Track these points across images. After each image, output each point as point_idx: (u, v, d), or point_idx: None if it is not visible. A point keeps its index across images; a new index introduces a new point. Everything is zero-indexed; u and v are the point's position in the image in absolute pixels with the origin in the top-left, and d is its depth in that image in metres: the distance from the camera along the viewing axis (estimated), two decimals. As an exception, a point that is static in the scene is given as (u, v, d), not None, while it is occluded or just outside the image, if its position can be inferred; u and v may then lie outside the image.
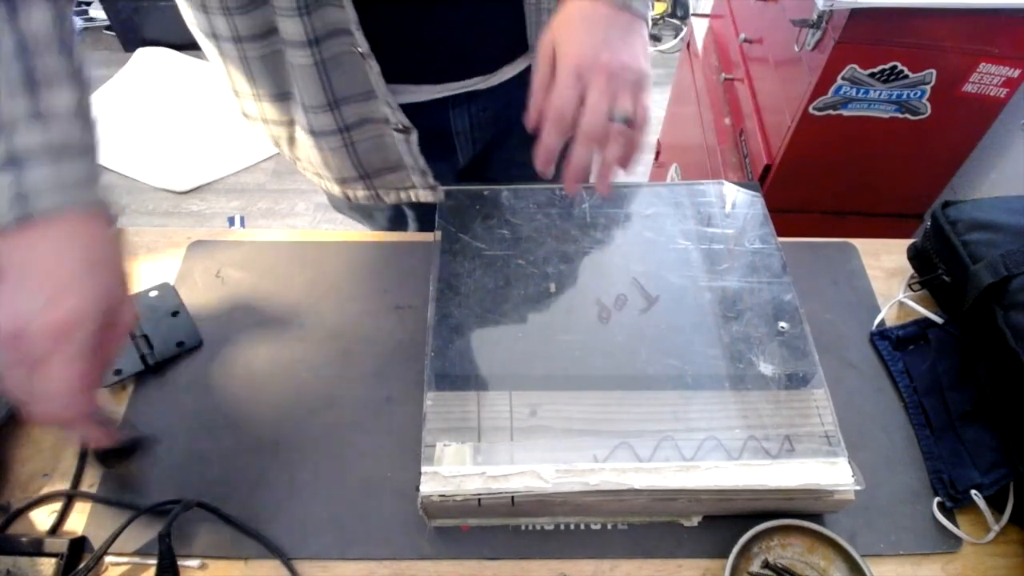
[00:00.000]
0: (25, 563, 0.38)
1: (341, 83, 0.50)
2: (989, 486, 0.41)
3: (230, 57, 0.51)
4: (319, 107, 0.51)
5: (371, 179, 0.59)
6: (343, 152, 0.55)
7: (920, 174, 0.95)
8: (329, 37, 0.47)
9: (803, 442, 0.38)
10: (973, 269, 0.45)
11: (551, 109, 0.40)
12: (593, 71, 0.40)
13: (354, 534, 0.41)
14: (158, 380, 0.47)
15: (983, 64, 0.78)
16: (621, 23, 0.42)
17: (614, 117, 0.40)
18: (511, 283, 0.46)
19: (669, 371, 0.42)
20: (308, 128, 0.54)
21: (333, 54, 0.48)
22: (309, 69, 0.48)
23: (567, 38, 0.41)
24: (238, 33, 0.48)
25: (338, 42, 0.48)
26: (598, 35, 0.41)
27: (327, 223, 1.70)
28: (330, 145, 0.54)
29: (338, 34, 0.47)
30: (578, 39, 0.41)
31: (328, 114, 0.52)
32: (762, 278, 0.46)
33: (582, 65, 0.40)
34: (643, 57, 0.42)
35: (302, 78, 0.49)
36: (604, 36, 0.41)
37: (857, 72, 0.81)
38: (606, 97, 0.40)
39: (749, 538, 0.38)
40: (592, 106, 0.40)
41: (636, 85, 0.41)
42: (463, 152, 0.61)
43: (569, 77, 0.40)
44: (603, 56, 0.40)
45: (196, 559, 0.39)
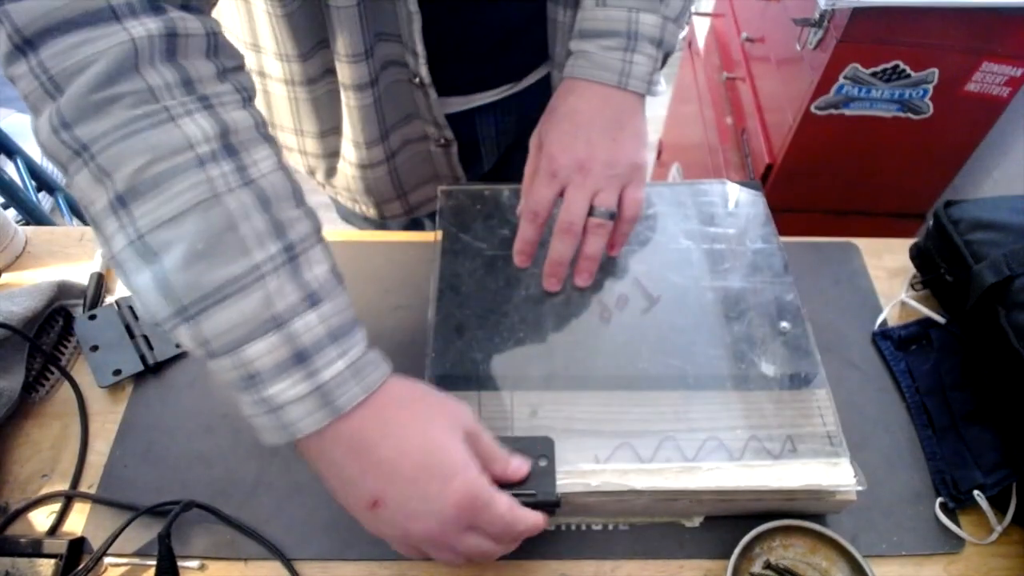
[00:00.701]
0: (24, 564, 0.38)
1: (391, 112, 0.50)
2: (992, 486, 0.41)
3: (276, 95, 0.50)
4: (372, 142, 0.51)
5: (407, 196, 0.59)
6: (386, 179, 0.56)
7: (922, 173, 0.95)
8: (384, 70, 0.47)
9: (805, 442, 0.38)
10: (976, 269, 0.45)
11: (525, 206, 0.43)
12: (571, 170, 0.41)
13: (354, 534, 0.40)
14: (158, 380, 0.47)
15: (986, 63, 0.78)
16: (610, 114, 0.42)
17: (594, 213, 0.42)
18: (512, 283, 0.46)
19: (670, 371, 0.41)
20: (356, 162, 0.54)
21: (387, 85, 0.48)
22: (367, 108, 0.48)
23: (549, 136, 0.43)
24: (291, 77, 0.48)
25: (392, 72, 0.47)
26: (581, 134, 0.42)
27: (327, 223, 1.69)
28: (375, 175, 0.55)
29: (392, 65, 0.47)
30: (558, 138, 0.42)
31: (379, 147, 0.52)
32: (764, 278, 0.46)
33: (561, 164, 0.41)
34: (632, 148, 0.43)
35: (359, 118, 0.49)
36: (587, 134, 0.42)
37: (859, 71, 0.81)
38: (583, 193, 0.41)
39: (751, 539, 0.38)
40: (567, 203, 0.42)
41: (622, 179, 0.42)
42: (488, 159, 0.61)
43: (545, 176, 0.42)
44: (582, 155, 0.41)
45: (196, 560, 0.39)
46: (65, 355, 0.49)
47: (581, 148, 0.41)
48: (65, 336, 0.49)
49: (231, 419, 0.45)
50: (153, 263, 0.27)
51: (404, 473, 0.30)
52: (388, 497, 0.30)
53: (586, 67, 0.43)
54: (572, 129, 0.42)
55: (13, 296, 0.46)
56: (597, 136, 0.42)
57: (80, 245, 0.56)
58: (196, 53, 0.30)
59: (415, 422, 0.31)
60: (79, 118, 0.27)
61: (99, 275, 0.53)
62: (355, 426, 0.30)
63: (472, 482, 0.30)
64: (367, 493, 0.30)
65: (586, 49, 0.43)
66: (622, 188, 0.42)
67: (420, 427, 0.31)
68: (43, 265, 0.55)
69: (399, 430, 0.30)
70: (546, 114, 0.44)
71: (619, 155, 0.42)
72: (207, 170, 0.28)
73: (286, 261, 0.29)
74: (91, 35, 0.27)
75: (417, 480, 0.30)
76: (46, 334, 0.48)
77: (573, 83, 0.43)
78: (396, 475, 0.30)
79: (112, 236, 0.28)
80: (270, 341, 0.28)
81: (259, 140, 0.31)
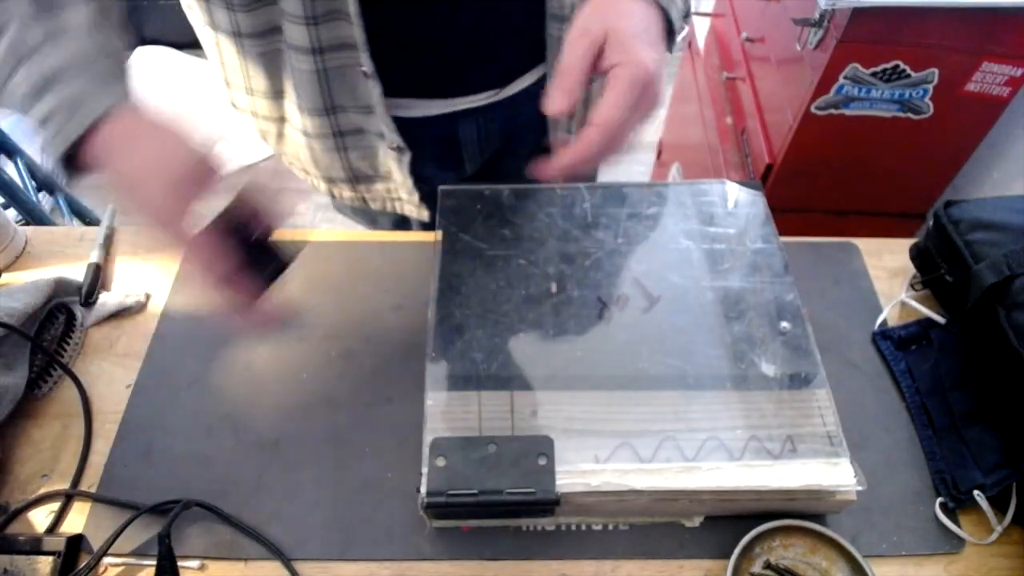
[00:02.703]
0: (22, 562, 0.38)
1: (341, 93, 0.50)
2: (992, 486, 0.41)
3: (226, 50, 0.50)
4: (314, 110, 0.51)
5: (358, 183, 0.58)
6: (334, 154, 0.55)
7: (922, 173, 0.95)
8: (335, 49, 0.47)
9: (805, 442, 0.38)
10: (976, 269, 0.45)
11: (606, 118, 0.35)
12: (648, 90, 0.36)
13: (354, 535, 0.40)
14: (159, 379, 0.47)
15: (986, 63, 0.78)
16: (658, 27, 0.39)
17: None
18: (512, 283, 0.46)
19: (671, 371, 0.41)
20: (301, 128, 0.53)
21: (337, 66, 0.48)
22: (310, 75, 0.48)
23: (629, 39, 0.36)
24: (239, 29, 0.48)
25: (343, 55, 0.47)
26: (654, 49, 0.37)
27: (327, 223, 1.70)
28: (322, 146, 0.54)
29: (344, 48, 0.47)
30: (634, 42, 0.36)
31: (323, 118, 0.51)
32: (764, 278, 0.46)
33: (644, 80, 0.35)
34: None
35: (301, 82, 0.49)
36: (657, 51, 0.37)
37: (859, 71, 0.81)
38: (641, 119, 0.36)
39: (751, 539, 0.38)
40: (632, 125, 0.36)
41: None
42: (471, 162, 0.61)
43: (633, 91, 0.35)
44: (657, 73, 0.36)
45: (196, 560, 0.39)
46: (68, 352, 0.49)
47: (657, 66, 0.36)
48: (67, 333, 0.49)
49: (232, 419, 0.45)
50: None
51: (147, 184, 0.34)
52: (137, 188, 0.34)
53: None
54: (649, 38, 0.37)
55: (13, 293, 0.46)
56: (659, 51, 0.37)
57: (80, 245, 0.56)
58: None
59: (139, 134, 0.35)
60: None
61: (96, 266, 0.53)
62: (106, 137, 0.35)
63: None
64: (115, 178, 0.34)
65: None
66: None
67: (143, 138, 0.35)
68: (43, 265, 0.55)
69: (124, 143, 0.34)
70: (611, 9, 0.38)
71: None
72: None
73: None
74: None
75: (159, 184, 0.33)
76: (47, 331, 0.48)
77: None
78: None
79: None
80: (21, 72, 0.34)
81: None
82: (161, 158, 0.34)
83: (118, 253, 0.55)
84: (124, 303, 0.51)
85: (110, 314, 0.51)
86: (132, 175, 0.34)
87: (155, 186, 0.33)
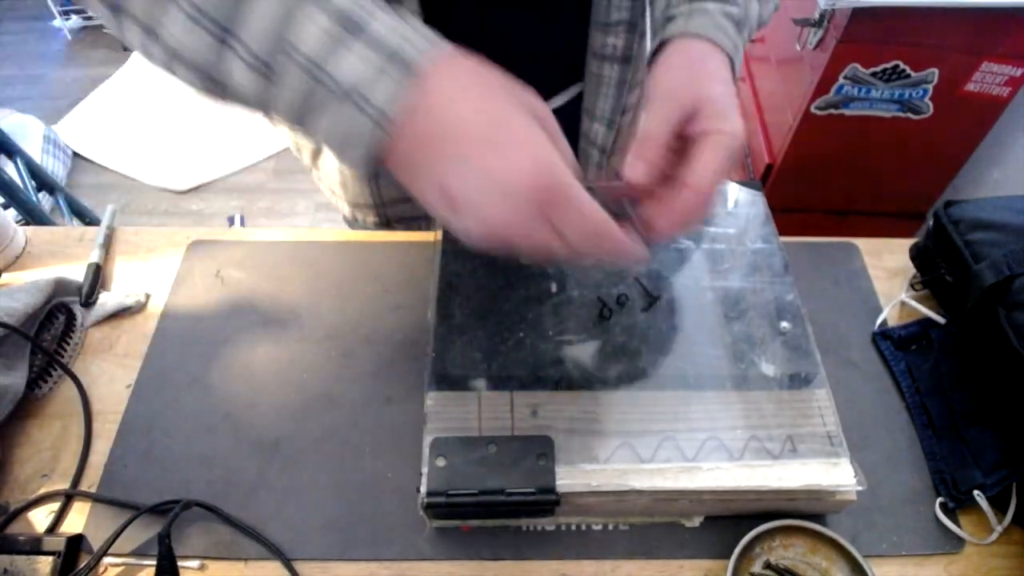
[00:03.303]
0: (22, 562, 0.38)
1: None
2: (992, 486, 0.41)
3: None
4: None
5: (385, 208, 0.58)
6: (364, 183, 0.54)
7: (922, 173, 0.95)
8: None
9: (805, 442, 0.38)
10: (976, 269, 0.45)
11: (705, 183, 0.33)
12: (737, 154, 0.35)
13: (354, 535, 0.40)
14: (159, 379, 0.47)
15: (985, 63, 0.78)
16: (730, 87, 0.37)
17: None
18: (512, 283, 0.46)
19: (671, 371, 0.41)
20: None
21: None
22: None
23: (727, 108, 0.34)
24: None
25: None
26: (736, 107, 0.35)
27: (327, 223, 1.70)
28: (353, 174, 0.54)
29: None
30: (731, 111, 0.35)
31: None
32: (764, 278, 0.46)
33: (737, 148, 0.34)
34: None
35: None
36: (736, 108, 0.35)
37: (859, 71, 0.81)
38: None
39: (751, 539, 0.38)
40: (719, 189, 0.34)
41: None
42: None
43: (725, 155, 0.34)
44: (741, 131, 0.35)
45: (196, 560, 0.39)
46: (67, 352, 0.49)
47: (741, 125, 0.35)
48: (67, 333, 0.49)
49: (232, 419, 0.45)
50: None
51: (465, 151, 0.26)
52: (457, 185, 0.27)
53: (707, 26, 0.38)
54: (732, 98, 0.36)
55: (13, 293, 0.46)
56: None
57: (80, 245, 0.56)
58: None
59: (472, 90, 0.27)
60: None
61: (96, 266, 0.53)
62: (417, 106, 0.26)
63: (543, 159, 0.26)
64: (436, 184, 0.27)
65: (708, 8, 0.38)
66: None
67: (477, 96, 0.27)
68: (43, 265, 0.55)
69: (458, 103, 0.26)
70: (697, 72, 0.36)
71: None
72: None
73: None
74: None
75: (480, 156, 0.26)
76: (47, 331, 0.48)
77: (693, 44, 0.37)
78: (458, 156, 0.26)
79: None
80: (308, 14, 0.25)
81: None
82: (513, 113, 0.27)
83: (118, 253, 0.55)
84: (124, 303, 0.51)
85: (110, 314, 0.51)
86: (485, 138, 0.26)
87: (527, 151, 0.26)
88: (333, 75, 0.25)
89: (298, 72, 0.26)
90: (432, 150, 0.26)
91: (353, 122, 0.26)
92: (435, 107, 0.26)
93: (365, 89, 0.25)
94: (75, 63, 2.15)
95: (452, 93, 0.26)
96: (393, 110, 0.26)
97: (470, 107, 0.26)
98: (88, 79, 2.05)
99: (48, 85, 2.07)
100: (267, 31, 0.25)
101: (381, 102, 0.25)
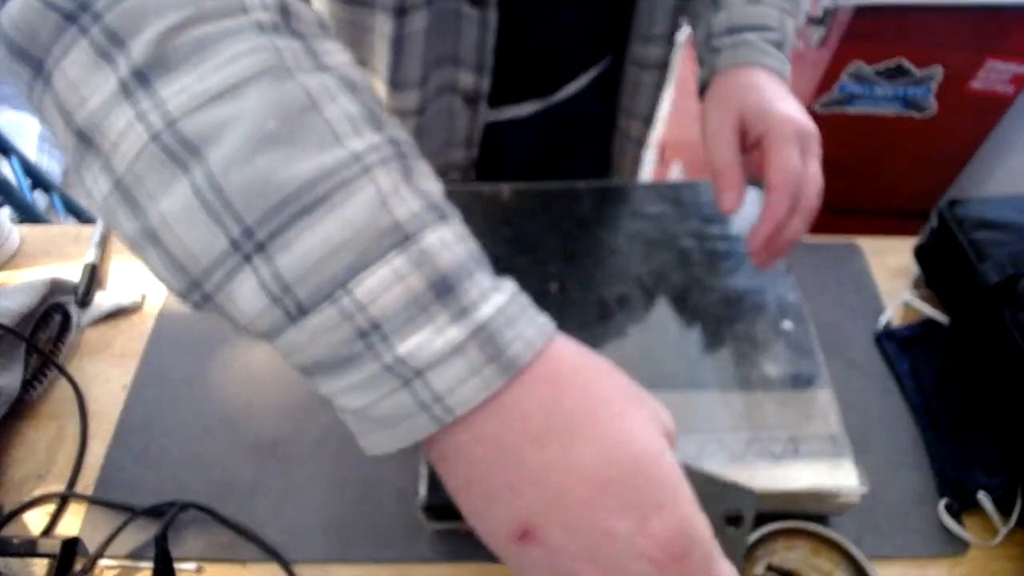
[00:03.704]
0: (17, 564, 0.37)
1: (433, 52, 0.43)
2: (996, 488, 0.40)
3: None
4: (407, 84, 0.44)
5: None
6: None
7: (926, 172, 0.94)
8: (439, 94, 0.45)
9: (808, 444, 0.38)
10: (980, 268, 0.44)
11: (781, 178, 0.35)
12: (808, 138, 0.37)
13: (353, 536, 0.40)
14: (156, 380, 0.47)
15: (990, 61, 0.78)
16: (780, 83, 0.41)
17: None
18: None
19: (672, 371, 0.41)
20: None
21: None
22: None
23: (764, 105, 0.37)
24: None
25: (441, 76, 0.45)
26: (790, 99, 0.38)
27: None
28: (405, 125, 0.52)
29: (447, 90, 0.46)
30: (780, 103, 0.38)
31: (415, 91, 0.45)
32: (766, 277, 0.46)
33: (798, 130, 0.36)
34: None
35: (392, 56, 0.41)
36: (793, 100, 0.38)
37: (862, 69, 0.80)
38: (818, 166, 0.37)
39: (753, 541, 0.37)
40: (814, 176, 0.37)
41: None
42: (507, 172, 0.59)
43: (792, 143, 0.36)
44: (806, 119, 0.37)
45: (193, 562, 0.39)
46: (63, 352, 0.48)
47: (803, 113, 0.38)
48: (63, 333, 0.49)
49: (229, 420, 0.45)
50: (192, 165, 0.17)
51: (578, 494, 0.18)
52: (546, 528, 0.19)
53: (753, 53, 0.41)
54: (782, 93, 0.39)
55: (7, 293, 0.46)
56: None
57: (75, 244, 0.55)
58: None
59: (599, 409, 0.19)
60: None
61: (92, 266, 0.52)
62: (512, 404, 0.19)
63: (689, 520, 0.19)
64: (514, 518, 0.19)
65: (749, 39, 0.42)
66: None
67: (606, 418, 0.19)
68: (38, 264, 0.54)
69: (574, 417, 0.19)
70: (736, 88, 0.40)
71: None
72: (270, 38, 0.19)
73: (395, 156, 0.19)
74: None
75: (599, 506, 0.18)
76: (42, 331, 0.48)
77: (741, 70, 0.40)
78: (564, 494, 0.18)
79: (120, 138, 0.18)
80: (394, 266, 0.18)
81: (325, 36, 0.21)
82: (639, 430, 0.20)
83: (114, 252, 0.55)
84: (120, 303, 0.50)
85: (106, 314, 0.50)
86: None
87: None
88: (391, 342, 0.18)
89: (339, 325, 0.18)
90: (521, 469, 0.19)
91: (394, 400, 0.18)
92: (533, 412, 0.19)
93: (430, 370, 0.18)
94: (73, 60, 2.13)
95: (561, 397, 0.19)
96: (464, 406, 0.18)
97: (590, 422, 0.19)
98: (86, 76, 2.04)
99: (46, 83, 2.06)
100: (318, 263, 0.17)
101: (445, 389, 0.18)
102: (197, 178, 0.17)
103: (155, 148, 0.18)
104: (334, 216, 0.17)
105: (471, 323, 0.18)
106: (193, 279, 0.19)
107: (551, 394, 0.19)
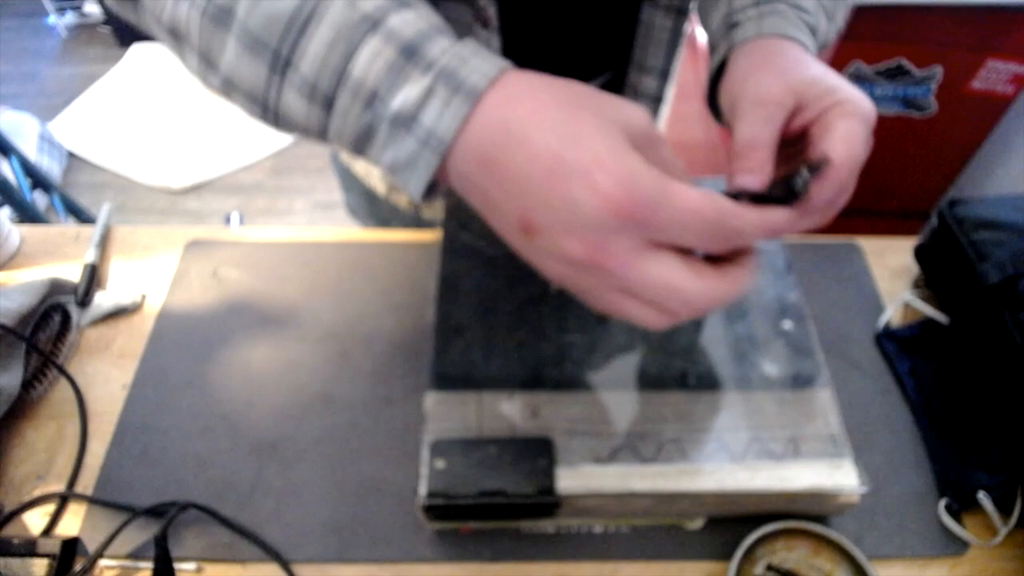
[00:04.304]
0: (16, 564, 0.37)
1: None
2: (996, 488, 0.40)
3: None
4: None
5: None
6: None
7: (926, 172, 0.94)
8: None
9: (808, 444, 0.38)
10: (980, 268, 0.44)
11: (848, 153, 0.29)
12: (871, 131, 0.31)
13: (353, 536, 0.40)
14: (156, 380, 0.47)
15: (990, 61, 0.78)
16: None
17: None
18: (513, 283, 0.45)
19: (671, 371, 0.41)
20: None
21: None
22: None
23: (832, 82, 0.31)
24: None
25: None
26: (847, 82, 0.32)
27: (326, 222, 1.70)
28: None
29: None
30: (843, 83, 0.32)
31: None
32: (766, 277, 0.46)
33: (869, 117, 0.31)
34: None
35: None
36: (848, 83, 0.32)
37: (862, 69, 0.80)
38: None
39: (753, 541, 0.37)
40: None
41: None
42: None
43: (865, 126, 0.30)
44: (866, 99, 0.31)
45: (192, 562, 0.39)
46: (63, 353, 0.48)
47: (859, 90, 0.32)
48: (63, 333, 0.49)
49: (229, 420, 0.45)
50: (231, 22, 0.26)
51: (537, 177, 0.23)
52: (534, 215, 0.23)
53: (785, 24, 0.35)
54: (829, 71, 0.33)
55: (7, 293, 0.46)
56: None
57: (75, 244, 0.55)
58: None
59: (545, 110, 0.24)
60: None
61: (92, 266, 0.52)
62: (481, 126, 0.24)
63: (625, 172, 0.22)
64: (513, 215, 0.24)
65: (780, 9, 0.35)
66: None
67: (550, 116, 0.23)
68: (38, 265, 0.54)
69: (526, 123, 0.23)
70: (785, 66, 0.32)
71: None
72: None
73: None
74: None
75: (554, 181, 0.23)
76: (42, 331, 0.48)
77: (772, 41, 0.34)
78: (531, 182, 0.23)
79: (189, 22, 0.27)
80: (372, 46, 0.24)
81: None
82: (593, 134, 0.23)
83: (114, 252, 0.55)
84: (120, 303, 0.50)
85: (106, 314, 0.50)
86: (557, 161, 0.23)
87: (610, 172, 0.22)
88: (387, 102, 0.24)
89: (353, 101, 0.25)
90: (501, 176, 0.24)
91: (406, 146, 0.25)
92: (498, 130, 0.24)
93: (418, 113, 0.24)
94: (70, 60, 2.14)
95: (516, 114, 0.24)
96: (448, 133, 0.24)
97: (535, 129, 0.23)
98: (83, 76, 2.04)
99: (42, 83, 2.06)
100: (324, 59, 0.25)
101: (432, 124, 0.24)
102: (235, 30, 0.26)
103: (206, 21, 0.26)
104: (324, 23, 0.25)
105: (434, 69, 0.24)
106: (262, 104, 0.27)
107: (511, 109, 0.24)
